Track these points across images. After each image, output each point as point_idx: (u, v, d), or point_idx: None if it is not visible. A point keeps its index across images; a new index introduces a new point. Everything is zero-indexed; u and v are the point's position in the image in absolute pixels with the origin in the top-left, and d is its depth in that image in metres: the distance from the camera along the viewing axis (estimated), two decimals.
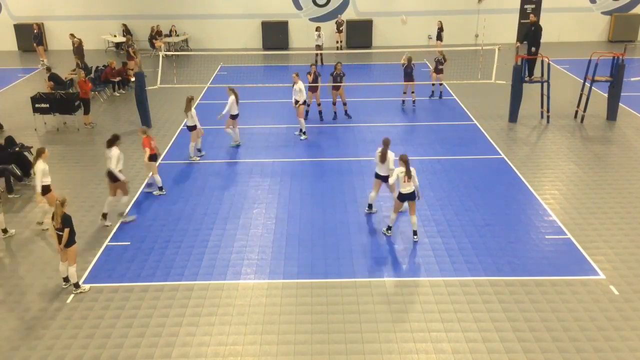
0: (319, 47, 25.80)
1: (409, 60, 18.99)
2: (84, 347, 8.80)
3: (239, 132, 16.62)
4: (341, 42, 28.78)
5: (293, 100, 17.05)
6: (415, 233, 11.59)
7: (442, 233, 11.85)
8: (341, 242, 11.58)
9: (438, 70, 20.06)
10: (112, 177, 12.26)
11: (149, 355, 8.62)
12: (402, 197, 11.38)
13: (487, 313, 9.41)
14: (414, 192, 11.24)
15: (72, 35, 25.12)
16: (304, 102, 17.20)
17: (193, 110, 15.16)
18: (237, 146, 16.56)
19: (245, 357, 8.60)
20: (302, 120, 17.26)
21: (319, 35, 25.89)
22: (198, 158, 15.83)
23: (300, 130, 17.27)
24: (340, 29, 28.36)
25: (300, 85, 16.77)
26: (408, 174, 11.09)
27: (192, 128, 15.37)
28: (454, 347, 8.71)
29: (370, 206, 12.68)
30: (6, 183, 13.87)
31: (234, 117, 16.23)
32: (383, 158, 11.96)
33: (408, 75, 19.25)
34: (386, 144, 12.02)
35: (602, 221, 12.26)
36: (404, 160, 11.12)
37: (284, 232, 12.04)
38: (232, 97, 15.97)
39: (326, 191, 13.72)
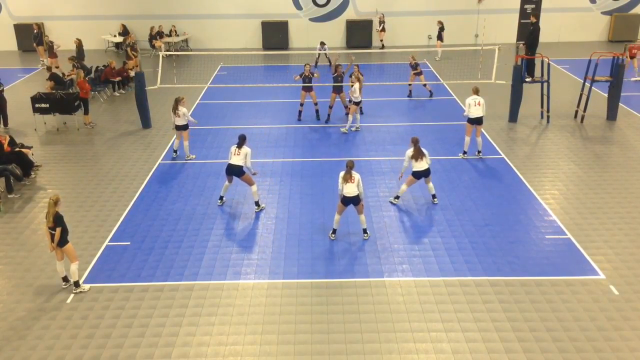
0: (319, 56, 24.94)
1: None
2: (84, 347, 8.80)
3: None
4: (382, 41, 28.54)
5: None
6: (434, 196, 13.07)
7: (442, 233, 11.84)
8: (341, 242, 11.58)
9: (416, 73, 20.68)
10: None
11: (149, 355, 8.62)
12: (417, 175, 12.66)
13: (487, 313, 9.41)
14: (428, 168, 12.62)
15: (46, 36, 26.01)
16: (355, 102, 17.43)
17: (184, 109, 15.20)
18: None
19: (245, 357, 8.60)
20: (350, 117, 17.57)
21: (321, 48, 24.46)
22: (194, 156, 15.83)
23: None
24: (383, 26, 28.18)
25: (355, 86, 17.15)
26: (420, 153, 12.45)
27: (184, 127, 15.37)
28: (454, 347, 8.71)
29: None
30: (6, 183, 13.87)
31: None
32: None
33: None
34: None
35: (602, 221, 12.25)
36: (414, 141, 12.53)
37: (284, 232, 12.04)
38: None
39: (326, 191, 13.71)
